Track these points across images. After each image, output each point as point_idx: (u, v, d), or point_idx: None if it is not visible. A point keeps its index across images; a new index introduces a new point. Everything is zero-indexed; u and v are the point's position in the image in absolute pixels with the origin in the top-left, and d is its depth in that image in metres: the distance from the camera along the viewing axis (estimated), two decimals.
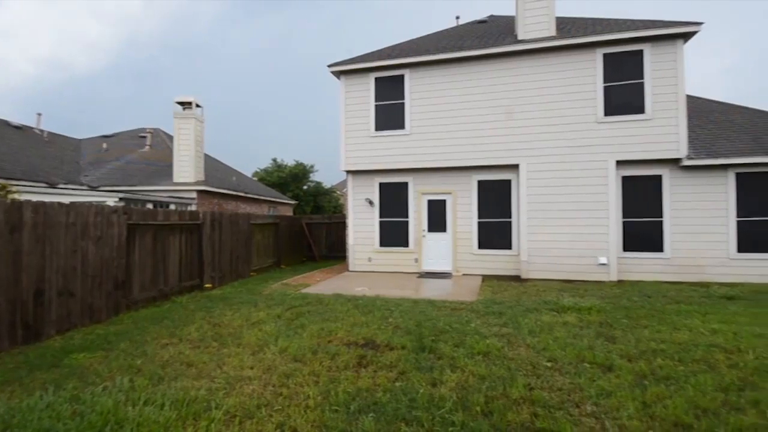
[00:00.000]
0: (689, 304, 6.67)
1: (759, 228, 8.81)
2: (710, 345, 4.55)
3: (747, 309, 6.29)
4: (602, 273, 9.22)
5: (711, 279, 8.85)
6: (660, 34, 8.97)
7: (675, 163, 9.14)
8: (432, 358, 4.37)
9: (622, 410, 3.17)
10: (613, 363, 4.09)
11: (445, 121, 10.39)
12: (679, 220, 9.14)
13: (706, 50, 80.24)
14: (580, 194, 9.46)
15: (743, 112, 10.93)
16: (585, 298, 7.07)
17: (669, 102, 8.99)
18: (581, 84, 9.50)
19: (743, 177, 8.95)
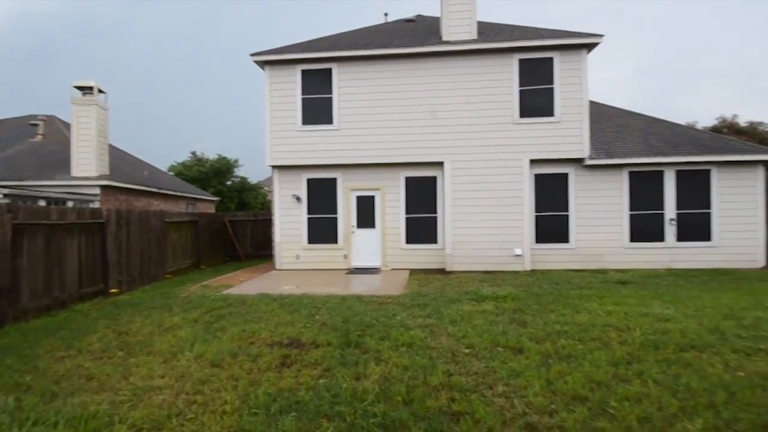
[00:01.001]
0: (590, 289, 7.54)
1: (647, 220, 10.23)
2: (605, 325, 5.17)
3: (636, 292, 7.26)
4: (518, 263, 10.05)
5: (609, 266, 10.09)
6: (567, 44, 9.96)
7: (579, 163, 10.25)
8: (357, 352, 4.42)
9: (530, 388, 3.47)
10: (523, 346, 4.47)
11: (373, 117, 10.51)
12: (582, 214, 10.29)
13: (609, 61, 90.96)
14: (498, 191, 10.19)
15: (637, 117, 12.55)
16: (502, 288, 7.64)
17: (575, 106, 10.03)
18: (499, 87, 10.20)
19: (635, 175, 10.30)
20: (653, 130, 11.41)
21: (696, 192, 10.16)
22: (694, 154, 10.06)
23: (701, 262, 10.01)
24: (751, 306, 6.00)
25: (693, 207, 10.14)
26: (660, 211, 10.20)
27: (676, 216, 10.17)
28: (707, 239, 10.11)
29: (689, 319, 5.35)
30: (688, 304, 6.17)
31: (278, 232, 11.02)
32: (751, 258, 10.06)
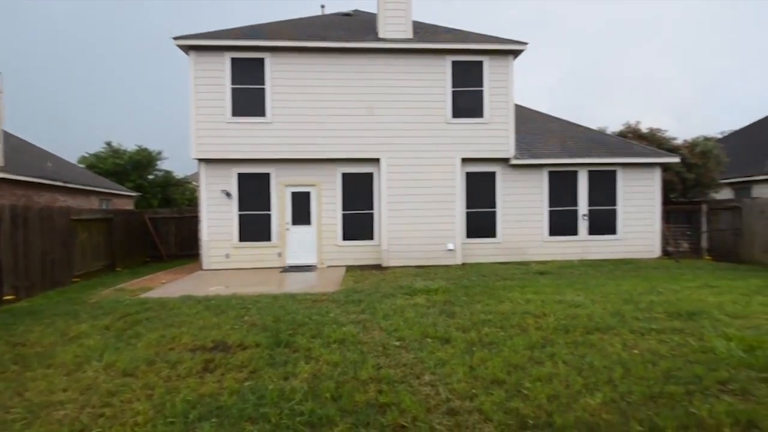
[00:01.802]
0: (513, 280, 8.10)
1: (564, 216, 11.20)
2: (524, 312, 5.59)
3: (553, 281, 7.93)
4: (450, 258, 10.50)
5: (531, 258, 10.92)
6: (496, 49, 10.54)
7: (506, 162, 10.93)
8: (287, 352, 4.33)
9: (454, 376, 3.65)
10: (450, 336, 4.68)
11: (309, 111, 10.31)
12: (508, 210, 11.00)
13: (536, 68, 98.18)
14: (432, 188, 10.55)
15: (556, 122, 13.65)
16: (434, 281, 7.94)
17: (502, 109, 10.67)
18: (434, 87, 10.53)
19: (554, 174, 11.22)
20: (570, 134, 12.50)
21: (604, 190, 11.34)
22: (603, 156, 11.20)
23: (608, 253, 11.21)
24: (647, 291, 6.82)
25: (602, 204, 11.31)
26: (574, 207, 11.25)
27: (588, 212, 11.28)
28: (613, 233, 11.34)
29: (596, 304, 5.96)
30: (595, 291, 6.87)
31: (206, 230, 10.40)
32: (649, 249, 11.46)
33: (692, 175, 13.54)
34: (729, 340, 4.31)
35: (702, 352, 4.08)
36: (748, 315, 5.34)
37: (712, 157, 13.89)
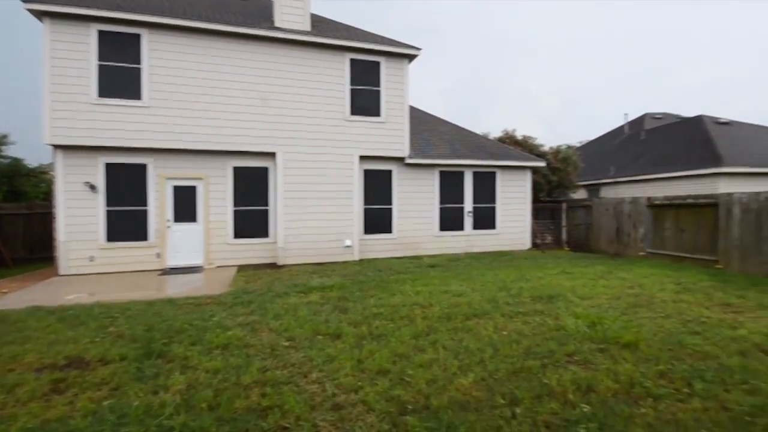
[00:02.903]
0: (406, 273, 8.49)
1: (452, 212, 12.10)
2: (413, 304, 5.87)
3: (441, 274, 8.49)
4: (348, 254, 10.58)
5: (423, 252, 11.58)
6: (392, 51, 10.87)
7: (401, 161, 11.39)
8: (160, 363, 3.87)
9: (341, 370, 3.65)
10: (342, 331, 4.68)
11: (196, 97, 9.39)
12: (403, 207, 11.50)
13: (432, 73, 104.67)
14: (331, 184, 10.48)
15: (446, 125, 14.64)
16: (331, 278, 7.91)
17: (398, 110, 11.06)
18: (332, 83, 10.45)
19: (444, 174, 12.03)
20: (458, 137, 13.54)
21: (486, 189, 12.55)
22: (486, 159, 12.37)
23: (489, 246, 12.45)
24: (518, 279, 7.71)
25: (484, 201, 12.51)
26: (461, 204, 12.24)
27: (472, 209, 12.37)
28: (493, 227, 12.63)
29: (475, 293, 6.54)
30: (476, 281, 7.55)
31: (63, 229, 8.79)
32: (521, 242, 13.02)
33: (556, 177, 15.78)
34: (577, 318, 5.08)
35: (556, 329, 4.73)
36: (593, 296, 6.35)
37: (571, 162, 16.35)
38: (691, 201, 9.77)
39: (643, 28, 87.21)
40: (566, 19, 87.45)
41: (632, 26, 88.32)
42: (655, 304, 5.82)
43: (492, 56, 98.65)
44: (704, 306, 5.68)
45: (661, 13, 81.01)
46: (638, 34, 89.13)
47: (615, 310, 5.51)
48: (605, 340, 4.29)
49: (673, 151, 17.11)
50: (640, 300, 6.04)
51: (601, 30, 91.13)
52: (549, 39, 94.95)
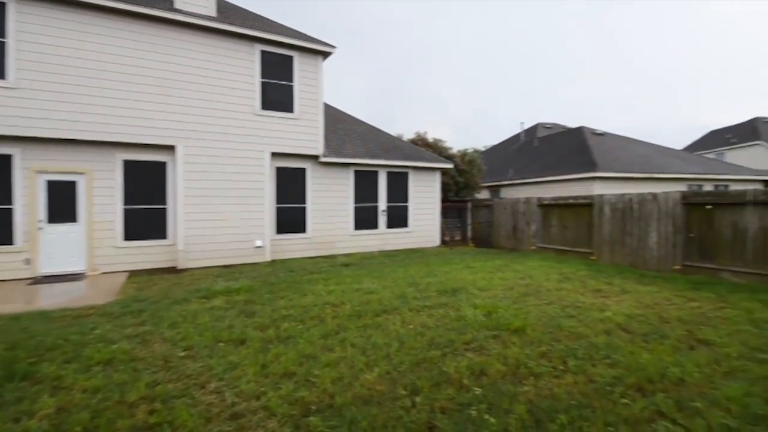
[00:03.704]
0: (319, 273, 8.39)
1: (367, 211, 12.27)
2: (325, 303, 5.81)
3: (354, 272, 8.56)
4: (259, 255, 10.11)
5: (338, 252, 11.57)
6: (306, 47, 10.64)
7: (315, 159, 11.22)
8: (26, 386, 3.31)
9: (244, 377, 3.46)
10: (247, 336, 4.45)
11: (78, 80, 8.16)
12: (317, 206, 11.34)
13: (350, 73, 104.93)
14: (240, 181, 9.90)
15: (362, 125, 14.80)
16: (238, 281, 7.49)
17: (312, 107, 10.87)
18: (241, 74, 9.88)
19: (359, 173, 12.13)
20: (373, 137, 13.78)
21: (399, 189, 12.97)
22: (399, 160, 12.77)
23: (402, 244, 12.89)
24: (426, 274, 8.08)
25: (397, 201, 12.91)
26: (375, 204, 12.47)
27: (386, 208, 12.68)
28: (406, 226, 13.10)
29: (386, 289, 6.70)
30: (387, 278, 7.75)
31: None
32: (432, 239, 13.70)
33: (462, 179, 16.91)
34: (476, 308, 5.48)
35: (457, 320, 5.05)
36: (491, 288, 6.90)
37: (476, 165, 17.65)
38: (572, 201, 11.18)
39: (542, 46, 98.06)
40: (478, 31, 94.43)
41: (533, 43, 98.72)
42: (542, 292, 6.53)
43: (409, 61, 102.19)
44: (580, 293, 6.53)
45: (557, 34, 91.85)
46: (538, 51, 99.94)
47: (508, 299, 6.06)
48: (498, 327, 4.69)
49: (559, 157, 19.43)
50: (529, 289, 6.73)
51: (507, 44, 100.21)
52: (462, 48, 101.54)
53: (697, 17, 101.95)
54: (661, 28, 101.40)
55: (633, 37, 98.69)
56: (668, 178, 16.33)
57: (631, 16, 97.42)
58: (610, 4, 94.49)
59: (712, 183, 17.29)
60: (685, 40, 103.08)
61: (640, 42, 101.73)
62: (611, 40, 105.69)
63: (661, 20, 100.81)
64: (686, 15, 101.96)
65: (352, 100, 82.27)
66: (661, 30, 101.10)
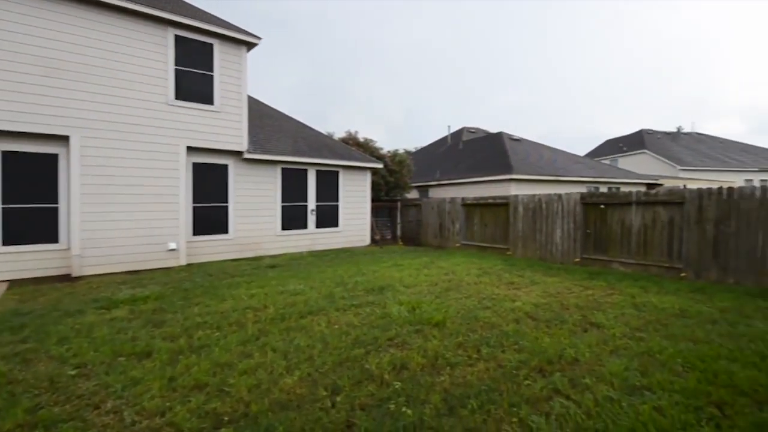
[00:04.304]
0: (242, 276, 7.98)
1: (295, 211, 11.95)
2: (246, 308, 5.54)
3: (281, 273, 8.28)
4: (172, 258, 9.33)
5: (265, 253, 11.12)
6: (228, 35, 10.04)
7: (239, 155, 10.65)
8: None
9: (147, 393, 3.16)
10: (153, 348, 4.08)
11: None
12: (241, 205, 10.78)
13: (282, 68, 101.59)
14: (150, 178, 9.04)
15: (291, 121, 14.40)
16: (147, 288, 6.85)
17: (235, 100, 10.30)
18: (152, 60, 9.04)
19: (286, 171, 11.77)
20: (302, 135, 13.48)
21: (329, 188, 12.84)
22: (329, 158, 12.63)
23: (332, 243, 12.78)
24: (355, 274, 8.10)
25: (327, 200, 12.77)
26: (304, 203, 12.21)
27: (316, 207, 12.47)
28: (336, 225, 13.01)
29: (313, 290, 6.59)
30: (315, 278, 7.63)
31: None
32: (362, 238, 13.76)
33: (393, 179, 17.25)
34: (401, 305, 5.60)
35: (382, 317, 5.12)
36: (417, 284, 7.11)
37: (405, 165, 18.11)
38: (491, 201, 11.97)
39: (473, 53, 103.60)
40: (413, 35, 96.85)
41: (465, 50, 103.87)
42: (462, 287, 6.89)
43: (343, 60, 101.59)
44: (496, 286, 7.00)
45: (487, 42, 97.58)
46: (469, 58, 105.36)
47: (432, 294, 6.30)
48: (421, 322, 4.85)
49: (481, 160, 20.69)
50: (451, 284, 7.06)
51: (438, 50, 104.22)
52: (396, 51, 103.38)
53: (599, 39, 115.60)
54: (573, 46, 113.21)
55: (552, 52, 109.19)
56: (572, 181, 18.21)
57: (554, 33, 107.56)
58: (539, 20, 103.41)
59: (607, 185, 19.62)
60: (592, 59, 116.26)
61: (558, 57, 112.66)
62: (534, 53, 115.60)
63: (574, 38, 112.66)
64: (592, 36, 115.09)
65: (283, 97, 79.81)
66: (573, 47, 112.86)
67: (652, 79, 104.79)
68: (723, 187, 7.28)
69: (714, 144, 35.15)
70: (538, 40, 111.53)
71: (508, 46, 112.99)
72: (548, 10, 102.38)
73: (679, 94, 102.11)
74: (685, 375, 3.36)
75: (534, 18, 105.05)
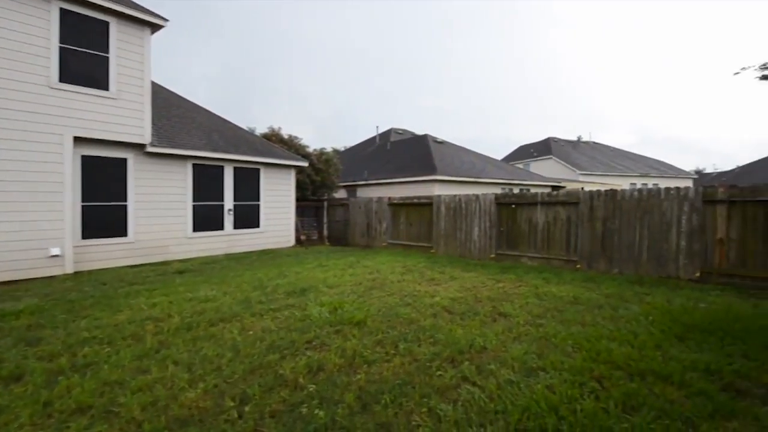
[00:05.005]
0: (143, 284, 7.27)
1: (209, 211, 11.20)
2: (145, 319, 5.05)
3: (191, 279, 7.70)
4: (56, 266, 8.15)
5: (173, 257, 10.25)
6: (126, 13, 9.06)
7: (141, 148, 9.68)
8: None
9: (14, 423, 2.74)
10: (26, 370, 3.54)
11: None
12: (144, 204, 9.81)
13: (198, 55, 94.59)
14: (26, 172, 7.82)
15: (205, 113, 13.47)
16: (21, 301, 5.92)
17: (135, 86, 9.34)
18: (31, 35, 7.84)
19: (199, 168, 10.98)
20: (217, 128, 12.69)
21: (249, 187, 12.26)
22: (248, 155, 12.05)
23: (253, 245, 12.22)
24: (276, 276, 7.82)
25: (247, 199, 12.18)
26: (220, 202, 11.50)
27: (233, 207, 11.82)
28: (257, 226, 12.47)
29: (227, 295, 6.23)
30: (231, 283, 7.22)
31: None
32: (286, 239, 13.36)
33: (319, 178, 17.02)
34: (322, 306, 5.53)
35: (302, 320, 5.00)
36: (341, 284, 7.07)
37: (332, 164, 17.98)
38: (417, 201, 12.38)
39: (402, 55, 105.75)
40: (343, 31, 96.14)
41: (395, 52, 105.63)
42: (386, 285, 7.02)
43: (270, 54, 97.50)
44: (418, 282, 7.24)
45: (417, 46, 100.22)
46: (398, 60, 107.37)
47: (355, 294, 6.32)
48: (341, 322, 4.83)
49: (408, 161, 21.31)
50: (375, 283, 7.15)
51: (369, 51, 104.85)
52: (327, 49, 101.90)
53: (514, 52, 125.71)
54: (495, 55, 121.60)
55: (476, 60, 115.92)
56: (489, 183, 19.56)
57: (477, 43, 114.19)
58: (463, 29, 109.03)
59: (519, 187, 21.41)
60: (509, 70, 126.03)
61: (481, 65, 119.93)
62: (463, 59, 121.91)
63: (495, 50, 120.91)
64: (509, 48, 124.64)
65: (201, 89, 74.50)
66: (493, 56, 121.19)
67: (560, 92, 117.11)
68: (610, 190, 8.38)
69: (606, 152, 40.23)
70: (468, 48, 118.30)
71: (438, 52, 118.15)
72: (475, 21, 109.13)
73: (582, 107, 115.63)
74: (574, 355, 3.79)
75: (458, 27, 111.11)
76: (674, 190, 7.60)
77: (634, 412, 2.82)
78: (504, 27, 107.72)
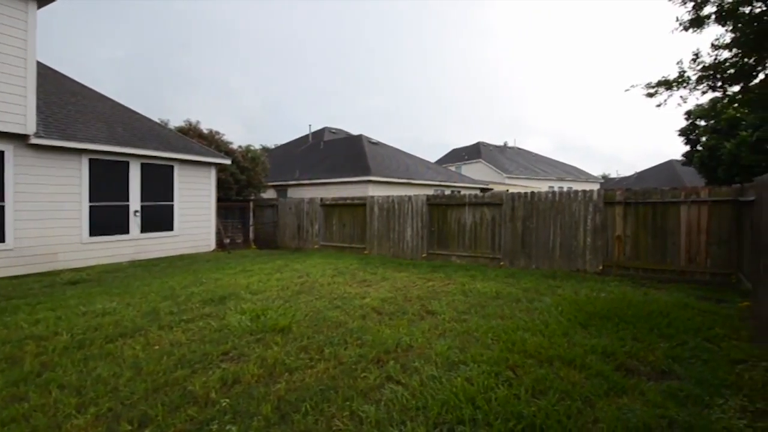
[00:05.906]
0: (24, 297, 6.37)
1: (111, 212, 10.12)
2: (26, 337, 4.42)
3: (85, 290, 6.89)
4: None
5: (64, 266, 9.09)
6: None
7: (23, 139, 8.46)
8: None
9: None
10: None
11: None
12: (27, 205, 8.57)
13: (110, 39, 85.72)
14: None
15: (108, 102, 12.20)
16: None
17: (15, 66, 8.16)
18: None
19: (98, 163, 9.87)
20: (122, 119, 11.56)
21: (161, 185, 11.31)
22: (160, 150, 11.11)
23: (166, 250, 11.30)
24: (191, 284, 7.29)
25: (158, 199, 11.22)
26: (125, 202, 10.44)
27: (141, 208, 10.79)
28: (171, 229, 11.55)
29: (130, 307, 5.67)
30: (135, 293, 6.58)
31: None
32: (206, 243, 12.55)
33: (245, 177, 16.25)
34: (243, 314, 5.25)
35: (219, 330, 4.70)
36: (266, 290, 6.78)
37: (259, 163, 17.28)
38: (350, 202, 12.34)
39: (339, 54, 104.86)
40: (281, 25, 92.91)
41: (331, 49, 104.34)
42: (315, 288, 6.88)
43: (190, 41, 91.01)
44: (349, 284, 7.20)
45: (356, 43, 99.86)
46: (334, 57, 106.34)
47: (281, 299, 6.10)
48: (263, 330, 4.62)
49: (342, 161, 21.21)
50: (304, 287, 6.97)
51: (304, 46, 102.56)
52: (259, 37, 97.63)
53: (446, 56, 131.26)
54: (433, 61, 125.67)
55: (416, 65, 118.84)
56: (422, 184, 20.16)
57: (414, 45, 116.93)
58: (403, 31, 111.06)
59: (451, 189, 22.35)
60: (444, 74, 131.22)
61: (420, 70, 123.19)
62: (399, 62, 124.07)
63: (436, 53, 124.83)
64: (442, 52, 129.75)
65: (108, 75, 67.51)
66: (432, 62, 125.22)
67: (490, 100, 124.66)
68: (529, 192, 9.13)
69: (529, 157, 43.69)
70: (408, 52, 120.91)
71: (380, 54, 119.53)
72: (413, 26, 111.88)
73: (509, 113, 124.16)
74: (493, 347, 4.03)
75: (400, 30, 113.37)
76: (581, 192, 8.49)
77: (542, 395, 3.07)
78: (440, 33, 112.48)
